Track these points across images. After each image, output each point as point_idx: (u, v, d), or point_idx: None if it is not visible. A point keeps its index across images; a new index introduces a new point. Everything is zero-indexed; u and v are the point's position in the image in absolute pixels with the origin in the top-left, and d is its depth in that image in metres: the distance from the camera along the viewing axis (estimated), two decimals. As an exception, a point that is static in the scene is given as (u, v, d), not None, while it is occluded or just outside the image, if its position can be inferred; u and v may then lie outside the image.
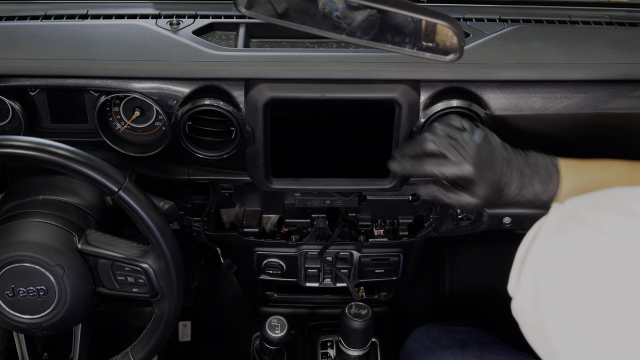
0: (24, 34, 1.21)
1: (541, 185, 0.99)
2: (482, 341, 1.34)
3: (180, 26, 1.23)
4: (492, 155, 0.99)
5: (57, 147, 1.00)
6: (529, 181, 0.99)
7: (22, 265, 1.05)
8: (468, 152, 0.98)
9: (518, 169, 0.99)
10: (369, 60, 1.14)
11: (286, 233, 1.46)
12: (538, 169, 0.99)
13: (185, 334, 1.91)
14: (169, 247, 1.05)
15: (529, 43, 1.21)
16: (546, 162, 1.00)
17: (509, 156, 1.00)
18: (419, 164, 1.02)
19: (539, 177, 0.99)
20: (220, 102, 1.14)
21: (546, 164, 1.00)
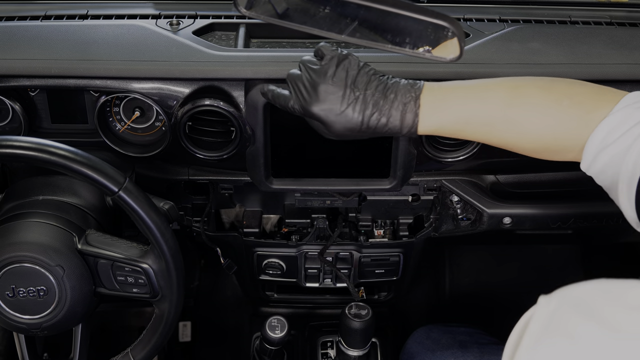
0: (24, 34, 1.21)
1: (399, 121, 0.95)
2: (482, 342, 1.34)
3: (180, 26, 1.23)
4: (335, 99, 0.95)
5: (57, 148, 0.99)
6: (385, 116, 0.95)
7: (22, 266, 1.05)
8: (311, 95, 0.96)
9: (371, 105, 0.95)
10: (369, 61, 1.13)
11: (286, 233, 1.46)
12: (395, 104, 0.94)
13: (186, 334, 1.91)
14: (169, 247, 1.05)
15: (529, 43, 1.21)
16: (406, 96, 0.94)
17: (359, 94, 0.95)
18: (277, 93, 1.03)
19: (396, 112, 0.94)
20: (220, 102, 1.14)
21: (406, 101, 0.94)
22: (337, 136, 0.99)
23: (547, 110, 0.92)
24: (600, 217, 1.32)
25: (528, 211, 1.31)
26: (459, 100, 0.95)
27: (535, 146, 0.95)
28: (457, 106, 0.95)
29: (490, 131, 0.95)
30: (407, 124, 0.95)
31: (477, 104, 0.94)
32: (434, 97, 0.95)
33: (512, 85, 0.95)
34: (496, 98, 0.94)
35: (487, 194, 1.31)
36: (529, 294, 1.82)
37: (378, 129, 0.96)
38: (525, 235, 1.59)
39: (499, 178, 1.33)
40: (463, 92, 0.95)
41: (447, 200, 1.35)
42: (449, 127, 0.96)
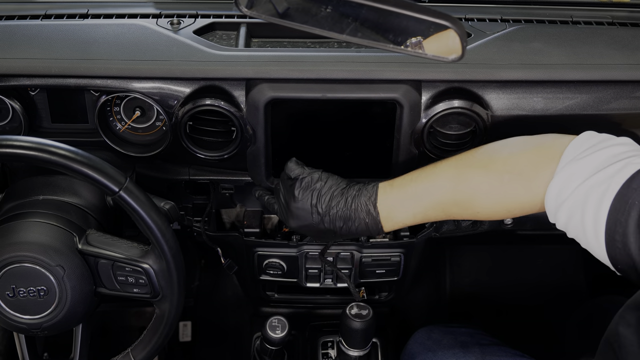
0: (24, 33, 1.21)
1: (366, 228, 1.07)
2: (483, 343, 1.34)
3: (181, 26, 1.23)
4: (306, 215, 1.09)
5: (57, 147, 0.99)
6: (353, 226, 1.08)
7: (23, 266, 1.04)
8: (286, 212, 1.11)
9: (336, 220, 1.08)
10: (371, 60, 1.14)
11: (287, 233, 1.46)
12: (358, 215, 1.07)
13: (186, 334, 1.91)
14: (169, 247, 1.05)
15: (530, 43, 1.21)
16: (366, 209, 1.06)
17: (324, 213, 1.08)
18: (270, 201, 1.22)
19: (360, 223, 1.07)
20: (221, 102, 1.13)
21: (366, 211, 1.06)
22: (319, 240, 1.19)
23: (491, 189, 0.99)
24: (601, 217, 1.32)
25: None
26: (410, 198, 1.05)
27: (495, 216, 1.04)
28: (411, 204, 1.05)
29: (448, 215, 1.05)
30: (373, 230, 1.07)
31: (427, 198, 1.04)
32: (389, 200, 1.06)
33: (455, 173, 1.03)
34: (443, 189, 1.03)
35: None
36: (530, 294, 1.85)
37: (351, 235, 1.10)
38: (526, 235, 1.59)
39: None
40: (413, 189, 1.05)
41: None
42: (410, 222, 1.07)
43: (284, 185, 1.13)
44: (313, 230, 1.11)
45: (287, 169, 1.12)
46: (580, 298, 1.98)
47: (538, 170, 0.95)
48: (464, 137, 1.20)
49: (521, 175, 0.97)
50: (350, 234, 1.10)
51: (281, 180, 1.14)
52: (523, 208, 0.99)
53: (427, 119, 1.15)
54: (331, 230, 1.09)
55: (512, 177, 0.97)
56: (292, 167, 1.12)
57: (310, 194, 1.09)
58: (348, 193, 1.08)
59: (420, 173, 1.06)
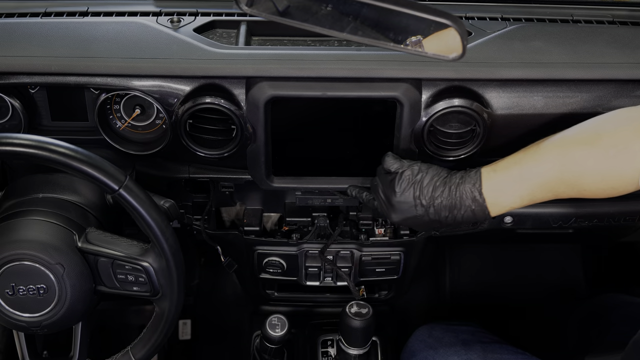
0: (23, 31, 1.21)
1: (472, 217, 1.05)
2: (484, 341, 1.34)
3: (181, 24, 1.23)
4: (409, 208, 1.07)
5: (57, 145, 0.99)
6: (458, 214, 1.05)
7: (22, 264, 1.04)
8: (388, 207, 1.09)
9: (441, 210, 1.05)
10: (371, 59, 1.14)
11: (287, 232, 1.46)
12: (463, 203, 1.04)
13: (186, 332, 1.91)
14: (169, 245, 1.05)
15: (531, 42, 1.21)
16: (471, 196, 1.04)
17: (428, 204, 1.06)
18: (368, 197, 1.19)
19: (466, 212, 1.05)
20: (221, 100, 1.13)
21: (472, 198, 1.04)
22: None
23: (597, 165, 0.97)
24: (601, 216, 1.32)
25: (529, 210, 1.31)
26: (516, 180, 1.02)
27: (600, 194, 1.01)
28: (517, 186, 1.02)
29: (556, 194, 1.02)
30: (480, 216, 1.05)
31: (534, 179, 1.01)
32: (494, 184, 1.03)
33: (560, 152, 1.00)
34: (549, 169, 1.00)
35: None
36: (530, 293, 1.84)
37: (458, 223, 1.06)
38: (526, 234, 1.59)
39: (500, 177, 1.33)
40: (518, 170, 1.02)
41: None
42: (518, 204, 1.04)
43: (382, 181, 1.10)
44: (418, 222, 1.08)
45: (385, 163, 1.10)
46: (580, 296, 1.98)
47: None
48: (464, 136, 1.20)
49: (627, 149, 0.95)
50: (456, 223, 1.06)
51: (378, 175, 1.12)
52: (627, 185, 0.97)
53: (428, 117, 1.15)
54: (436, 221, 1.06)
55: (618, 151, 0.95)
56: (390, 161, 1.09)
57: (412, 186, 1.06)
58: (451, 182, 1.05)
59: (524, 154, 1.03)
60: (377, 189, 1.12)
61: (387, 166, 1.09)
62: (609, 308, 1.51)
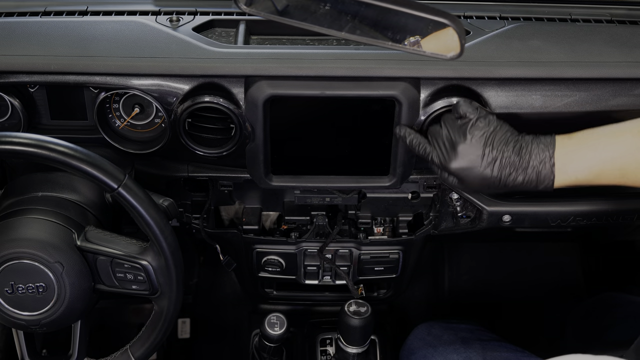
0: (23, 30, 1.21)
1: (535, 178, 1.02)
2: (483, 339, 1.35)
3: (180, 23, 1.23)
4: (475, 158, 1.03)
5: (56, 144, 0.99)
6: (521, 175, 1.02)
7: (21, 262, 1.05)
8: (450, 153, 1.04)
9: (508, 165, 1.02)
10: (369, 58, 1.14)
11: (286, 230, 1.46)
12: (531, 162, 1.01)
13: (185, 331, 1.91)
14: (168, 244, 1.05)
15: (529, 41, 1.21)
16: (541, 155, 1.01)
17: (496, 154, 1.02)
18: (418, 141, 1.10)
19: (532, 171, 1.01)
20: (220, 99, 1.14)
21: (541, 159, 1.01)
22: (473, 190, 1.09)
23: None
24: (599, 215, 1.32)
25: (527, 209, 1.31)
26: (590, 149, 1.00)
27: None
28: (589, 155, 1.00)
29: (623, 175, 1.00)
30: (543, 181, 1.01)
31: (608, 151, 0.99)
32: (566, 150, 1.00)
33: (638, 130, 0.99)
34: (626, 143, 0.98)
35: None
36: (529, 291, 1.84)
37: (515, 186, 1.03)
38: (524, 233, 1.59)
39: (499, 176, 1.33)
40: (593, 141, 1.00)
41: (447, 198, 1.35)
42: (584, 177, 1.01)
43: (450, 125, 1.06)
44: (475, 175, 1.03)
45: (460, 108, 1.05)
46: (578, 294, 1.98)
47: None
48: (463, 135, 1.20)
49: None
50: (516, 186, 1.03)
51: (445, 120, 1.07)
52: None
53: (426, 116, 1.15)
54: (496, 178, 1.02)
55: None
56: (465, 106, 1.05)
57: (484, 135, 1.03)
58: (523, 140, 1.03)
59: (603, 129, 1.01)
60: (439, 134, 1.07)
61: (462, 111, 1.05)
62: (609, 307, 1.51)
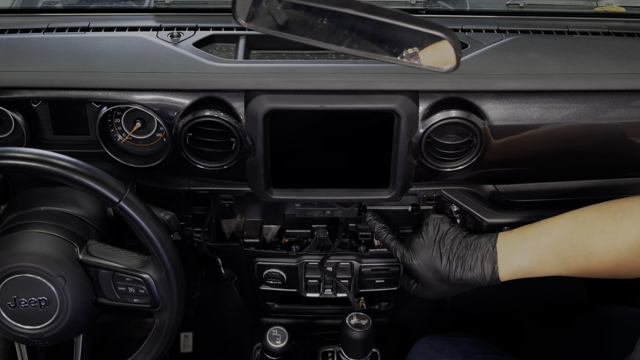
0: (26, 46, 1.22)
1: (480, 270, 1.13)
2: (485, 352, 1.34)
3: (180, 38, 1.24)
4: (429, 250, 1.18)
5: (58, 159, 1.00)
6: (468, 267, 1.14)
7: (24, 276, 1.05)
8: (409, 249, 1.21)
9: (455, 258, 1.15)
10: (368, 71, 1.15)
11: (287, 243, 1.46)
12: (476, 255, 1.14)
13: (187, 345, 1.91)
14: (169, 257, 1.06)
15: (527, 53, 1.22)
16: (484, 248, 1.14)
17: (445, 249, 1.16)
18: (388, 234, 1.29)
19: (476, 263, 1.13)
20: (220, 113, 1.14)
21: (485, 251, 1.13)
22: (433, 296, 1.23)
23: (604, 227, 1.05)
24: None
25: (527, 221, 1.31)
26: (528, 239, 1.11)
27: (606, 264, 1.06)
28: (529, 245, 1.10)
29: (563, 262, 1.08)
30: (488, 272, 1.12)
31: (544, 239, 1.09)
32: (507, 242, 1.12)
33: (572, 216, 1.09)
34: (559, 229, 1.08)
35: (487, 204, 1.31)
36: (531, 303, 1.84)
37: (464, 280, 1.15)
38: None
39: (498, 188, 1.34)
40: (531, 231, 1.11)
41: (447, 210, 1.35)
42: (527, 265, 1.10)
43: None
44: (429, 268, 1.17)
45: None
46: (581, 307, 1.97)
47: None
48: (462, 147, 1.21)
49: (633, 214, 1.02)
50: (462, 280, 1.15)
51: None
52: (632, 249, 1.03)
53: (425, 129, 1.16)
54: (446, 270, 1.15)
55: (624, 216, 1.03)
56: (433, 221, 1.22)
57: (436, 231, 1.19)
58: (470, 237, 1.16)
59: (540, 221, 1.12)
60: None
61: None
62: (611, 319, 1.51)
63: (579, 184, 1.36)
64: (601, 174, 1.34)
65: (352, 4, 0.84)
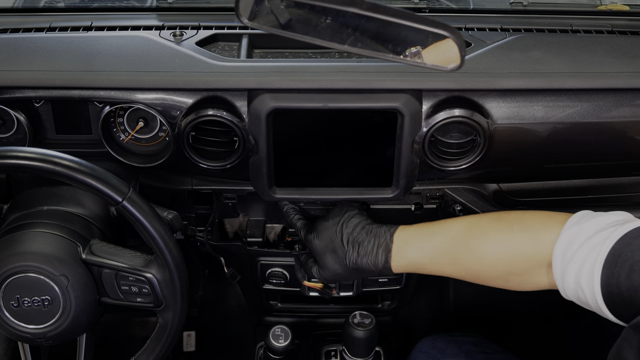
0: (28, 45, 1.22)
1: (374, 258, 1.14)
2: (488, 351, 1.34)
3: (183, 37, 1.24)
4: (331, 231, 1.19)
5: (61, 158, 1.00)
6: (364, 254, 1.14)
7: (27, 276, 1.05)
8: (312, 231, 1.22)
9: (352, 244, 1.16)
10: (371, 70, 1.15)
11: (289, 242, 1.46)
12: (371, 240, 1.14)
13: (190, 344, 1.91)
14: (172, 256, 1.06)
15: (530, 52, 1.22)
16: (382, 238, 1.14)
17: (347, 232, 1.17)
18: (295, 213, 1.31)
19: (372, 250, 1.14)
20: (223, 112, 1.14)
21: (382, 239, 1.14)
22: (328, 277, 1.21)
23: (500, 235, 1.06)
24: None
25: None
26: (424, 235, 1.12)
27: (498, 272, 1.07)
28: (423, 240, 1.12)
29: (453, 261, 1.10)
30: (381, 261, 1.13)
31: (439, 237, 1.11)
32: (405, 234, 1.13)
33: (470, 220, 1.11)
34: (456, 230, 1.10)
35: (490, 203, 1.31)
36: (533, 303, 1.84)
37: (358, 265, 1.15)
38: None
39: (502, 186, 1.34)
40: (428, 228, 1.13)
41: (450, 209, 1.35)
42: (419, 259, 1.12)
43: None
44: (326, 252, 1.18)
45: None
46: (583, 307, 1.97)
47: (545, 227, 1.01)
48: (465, 146, 1.21)
49: (530, 227, 1.03)
50: (358, 265, 1.15)
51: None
52: (525, 262, 1.03)
53: (428, 128, 1.16)
54: (344, 252, 1.16)
55: (522, 228, 1.04)
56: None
57: (341, 216, 1.20)
58: (373, 225, 1.17)
59: (440, 220, 1.14)
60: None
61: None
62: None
63: (582, 183, 1.35)
64: (605, 173, 1.34)
65: (355, 3, 0.83)
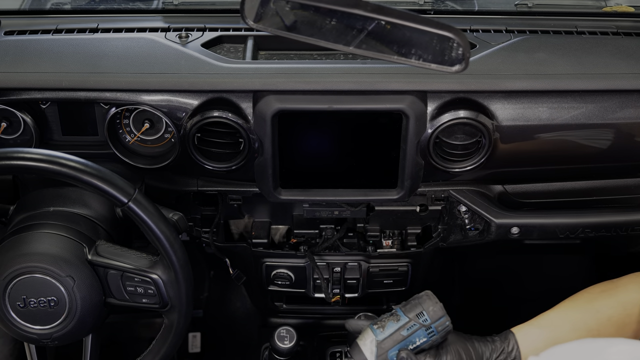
0: (35, 47, 1.23)
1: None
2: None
3: (189, 39, 1.25)
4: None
5: (67, 159, 1.01)
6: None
7: (33, 276, 1.06)
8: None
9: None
10: (376, 72, 1.15)
11: (295, 244, 1.47)
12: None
13: (195, 345, 1.91)
14: (178, 257, 1.06)
15: (535, 53, 1.22)
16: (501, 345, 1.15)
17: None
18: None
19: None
20: (228, 113, 1.15)
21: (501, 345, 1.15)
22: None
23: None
24: (608, 227, 1.32)
25: (536, 221, 1.31)
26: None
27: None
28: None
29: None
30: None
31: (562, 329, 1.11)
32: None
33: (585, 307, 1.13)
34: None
35: (495, 204, 1.31)
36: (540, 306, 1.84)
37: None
38: (533, 245, 1.59)
39: (507, 188, 1.34)
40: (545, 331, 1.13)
41: (455, 211, 1.35)
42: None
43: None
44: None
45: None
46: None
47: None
48: (470, 147, 1.21)
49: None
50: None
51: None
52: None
53: (433, 129, 1.16)
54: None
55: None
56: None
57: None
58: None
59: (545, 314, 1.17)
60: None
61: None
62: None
63: (587, 184, 1.35)
64: (610, 174, 1.34)
65: (360, 5, 0.84)
